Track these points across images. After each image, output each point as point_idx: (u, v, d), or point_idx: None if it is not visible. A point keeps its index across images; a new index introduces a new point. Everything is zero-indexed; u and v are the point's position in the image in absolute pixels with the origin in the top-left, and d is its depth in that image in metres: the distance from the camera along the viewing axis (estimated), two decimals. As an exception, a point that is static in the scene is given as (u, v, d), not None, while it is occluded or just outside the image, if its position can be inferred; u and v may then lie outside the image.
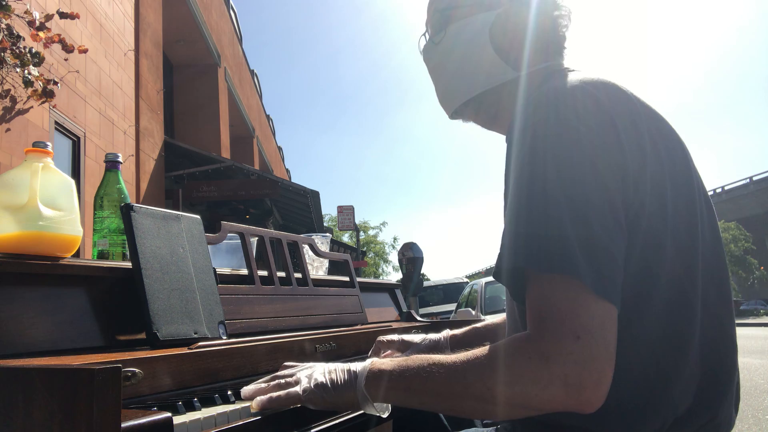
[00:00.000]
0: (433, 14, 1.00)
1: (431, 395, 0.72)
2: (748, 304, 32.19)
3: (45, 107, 4.91)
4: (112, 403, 0.52)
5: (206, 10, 10.82)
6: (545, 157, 0.72)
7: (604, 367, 0.64)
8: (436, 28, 1.00)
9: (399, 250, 8.31)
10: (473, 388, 0.69)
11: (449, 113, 1.03)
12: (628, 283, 0.71)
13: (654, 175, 0.75)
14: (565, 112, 0.74)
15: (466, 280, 16.86)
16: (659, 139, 0.79)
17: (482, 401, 0.69)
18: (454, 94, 0.99)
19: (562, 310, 0.65)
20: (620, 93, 0.80)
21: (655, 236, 0.74)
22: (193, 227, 1.11)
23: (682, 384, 0.75)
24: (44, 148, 0.96)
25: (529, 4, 0.92)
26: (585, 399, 0.64)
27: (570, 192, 0.69)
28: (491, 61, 0.93)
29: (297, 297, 1.35)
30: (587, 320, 0.64)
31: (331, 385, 0.79)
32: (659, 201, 0.75)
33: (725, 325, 0.80)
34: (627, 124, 0.76)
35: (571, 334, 0.64)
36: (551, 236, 0.68)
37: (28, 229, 0.89)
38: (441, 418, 1.22)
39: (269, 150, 18.86)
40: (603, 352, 0.64)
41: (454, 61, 0.97)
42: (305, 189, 10.96)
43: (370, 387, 0.77)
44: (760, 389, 5.34)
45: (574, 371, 0.63)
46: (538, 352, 0.65)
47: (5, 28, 4.08)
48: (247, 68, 15.86)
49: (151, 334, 0.91)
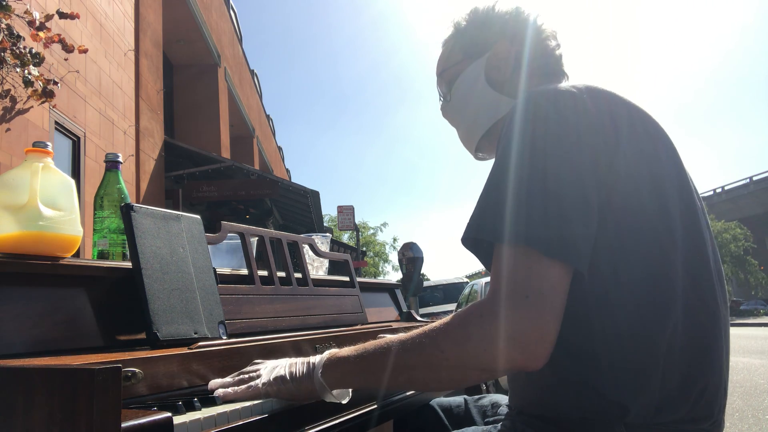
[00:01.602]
0: (438, 79, 1.14)
1: (387, 371, 0.77)
2: (748, 304, 32.15)
3: (45, 107, 4.91)
4: (112, 403, 0.52)
5: (206, 10, 10.82)
6: (525, 141, 0.77)
7: (549, 325, 0.69)
8: (444, 90, 1.12)
9: (399, 250, 8.31)
10: (427, 355, 0.74)
11: (473, 153, 1.13)
12: (605, 263, 0.76)
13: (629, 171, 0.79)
14: (563, 106, 0.79)
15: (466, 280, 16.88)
16: (646, 137, 0.83)
17: (436, 368, 0.74)
18: (472, 135, 1.10)
19: (516, 274, 0.71)
20: (613, 95, 0.85)
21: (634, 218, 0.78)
22: (193, 227, 1.11)
23: (667, 359, 0.77)
24: (44, 148, 0.96)
25: (512, 39, 1.02)
26: (529, 353, 0.69)
27: (538, 169, 0.74)
28: (493, 97, 1.03)
29: (297, 297, 1.35)
30: (537, 282, 0.70)
31: (290, 377, 0.83)
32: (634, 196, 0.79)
33: (709, 308, 0.82)
34: (624, 122, 0.80)
35: (520, 293, 0.70)
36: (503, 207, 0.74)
37: (28, 229, 0.89)
38: (441, 417, 1.22)
39: (269, 150, 18.86)
40: (549, 310, 0.69)
41: (466, 109, 1.09)
42: (305, 189, 10.96)
43: (328, 375, 0.82)
44: (760, 389, 5.34)
45: (519, 327, 0.69)
46: (489, 310, 0.71)
47: (5, 28, 4.08)
48: (247, 68, 15.86)
49: (151, 334, 0.91)
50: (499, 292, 0.72)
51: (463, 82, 1.07)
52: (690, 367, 0.79)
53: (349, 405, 0.96)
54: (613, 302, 0.77)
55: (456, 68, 1.08)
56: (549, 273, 0.71)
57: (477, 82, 1.05)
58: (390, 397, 1.10)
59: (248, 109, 14.88)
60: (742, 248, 30.49)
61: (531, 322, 0.69)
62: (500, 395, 1.24)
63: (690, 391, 0.78)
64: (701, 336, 0.81)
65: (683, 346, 0.78)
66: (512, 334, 0.69)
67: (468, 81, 1.06)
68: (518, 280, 0.71)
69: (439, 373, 0.75)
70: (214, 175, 9.64)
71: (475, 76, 1.05)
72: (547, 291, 0.70)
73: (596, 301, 0.77)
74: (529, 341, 0.69)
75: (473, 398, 1.25)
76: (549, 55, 1.02)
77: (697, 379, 0.79)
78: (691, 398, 0.78)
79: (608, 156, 0.77)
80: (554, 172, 0.74)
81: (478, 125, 1.07)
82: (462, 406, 1.23)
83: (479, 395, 1.27)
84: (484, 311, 0.72)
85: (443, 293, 15.47)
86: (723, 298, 0.85)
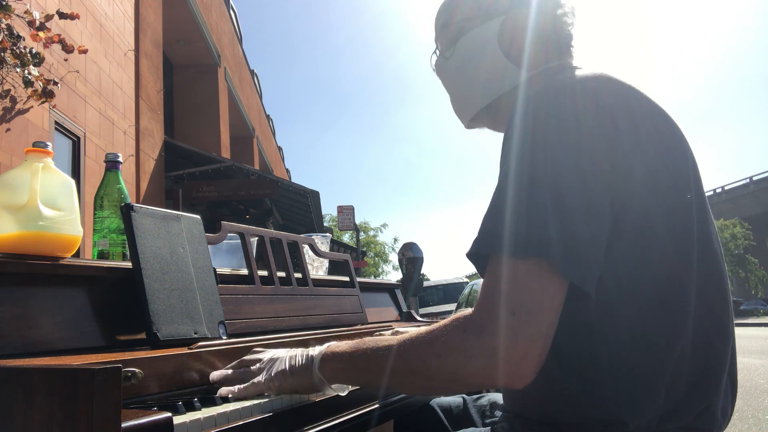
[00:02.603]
0: (441, 31, 1.02)
1: (378, 373, 0.76)
2: (748, 304, 32.12)
3: (45, 107, 4.91)
4: (112, 403, 0.52)
5: (206, 10, 10.82)
6: (531, 156, 0.73)
7: (534, 345, 0.65)
8: (445, 44, 1.01)
9: (399, 250, 8.31)
10: (412, 363, 0.73)
11: (465, 122, 1.04)
12: (611, 272, 0.72)
13: (648, 174, 0.75)
14: (564, 111, 0.75)
15: (466, 280, 16.88)
16: (657, 137, 0.80)
17: (420, 376, 0.72)
18: (471, 103, 1.00)
19: (504, 288, 0.68)
20: (622, 89, 0.80)
21: (644, 226, 0.74)
22: (193, 227, 1.11)
23: (674, 371, 0.75)
24: (44, 148, 0.96)
25: (531, 6, 0.93)
26: (511, 373, 0.66)
27: (542, 183, 0.71)
28: (503, 66, 0.94)
29: (297, 297, 1.35)
30: (526, 298, 0.66)
31: (290, 371, 0.83)
32: (653, 197, 0.76)
33: (720, 317, 0.80)
34: (626, 123, 0.76)
35: (507, 309, 0.66)
36: (503, 222, 0.71)
37: (28, 229, 0.89)
38: (441, 418, 1.22)
39: (269, 150, 18.86)
40: (535, 329, 0.65)
41: (468, 72, 0.99)
42: (305, 189, 10.95)
43: (325, 370, 0.81)
44: (760, 389, 5.34)
45: (502, 345, 0.65)
46: (474, 325, 0.68)
47: (5, 28, 4.08)
48: (247, 68, 15.86)
49: (151, 334, 0.91)
50: (484, 307, 0.69)
51: (471, 42, 0.96)
52: (697, 379, 0.76)
53: (349, 405, 0.96)
54: (621, 310, 0.73)
55: (466, 24, 0.97)
56: (537, 288, 0.67)
57: (487, 46, 0.95)
58: (390, 397, 1.09)
59: (248, 109, 14.88)
60: (742, 247, 30.46)
61: (514, 341, 0.65)
62: (499, 395, 1.23)
63: (695, 405, 0.76)
64: (710, 346, 0.78)
65: (692, 355, 0.76)
66: (494, 351, 0.66)
67: (477, 41, 0.96)
68: (504, 295, 0.67)
69: (424, 381, 0.73)
70: (214, 175, 9.64)
71: (486, 37, 0.95)
72: (534, 308, 0.66)
73: (602, 309, 0.73)
74: (512, 360, 0.65)
75: (472, 398, 1.25)
76: (563, 31, 0.95)
77: (704, 391, 0.77)
78: (695, 411, 0.76)
79: (617, 159, 0.73)
80: (551, 184, 0.70)
81: (481, 94, 0.98)
82: (461, 406, 1.23)
83: (478, 395, 1.27)
84: (468, 326, 0.69)
85: (443, 293, 15.48)
86: (731, 306, 0.83)
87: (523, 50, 0.93)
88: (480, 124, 1.04)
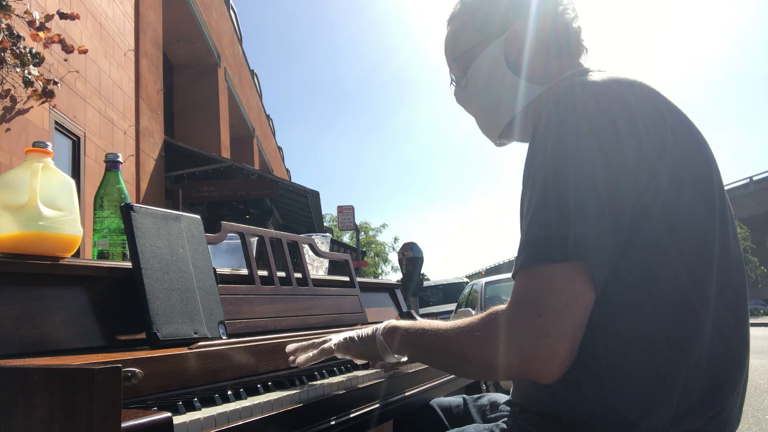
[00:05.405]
0: (451, 64, 1.05)
1: (426, 350, 0.89)
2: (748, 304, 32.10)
3: (45, 107, 4.91)
4: (112, 403, 0.52)
5: (206, 10, 10.82)
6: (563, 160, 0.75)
7: (559, 345, 0.70)
8: (459, 74, 1.04)
9: (399, 250, 8.32)
10: (453, 347, 0.82)
11: (494, 142, 1.08)
12: (630, 273, 0.75)
13: (672, 176, 0.77)
14: (591, 119, 0.76)
15: (466, 280, 16.86)
16: (684, 140, 0.81)
17: (460, 358, 0.82)
18: (494, 125, 1.04)
19: (534, 292, 0.73)
20: (648, 92, 0.81)
21: (667, 226, 0.76)
22: (193, 227, 1.11)
23: (690, 374, 0.75)
24: (44, 148, 0.96)
25: (530, 15, 0.94)
26: (537, 370, 0.71)
27: (565, 190, 0.73)
28: (514, 83, 0.96)
29: (297, 297, 1.35)
30: (553, 301, 0.71)
31: (357, 338, 0.99)
32: (675, 200, 0.77)
33: (739, 320, 0.81)
34: (651, 127, 0.77)
35: (534, 311, 0.71)
36: (539, 232, 0.75)
37: (28, 229, 0.89)
38: (441, 417, 1.22)
39: (269, 150, 18.86)
40: (561, 330, 0.70)
41: (485, 96, 1.02)
42: (305, 189, 10.96)
43: (386, 338, 0.95)
44: (760, 389, 5.34)
45: (529, 344, 0.71)
46: (506, 323, 0.75)
47: (5, 28, 4.07)
48: (247, 68, 15.86)
49: (151, 334, 0.91)
50: (516, 305, 0.74)
51: (481, 67, 0.98)
52: (713, 383, 0.77)
53: (349, 405, 0.96)
54: (638, 311, 0.75)
55: (472, 51, 0.99)
56: (565, 291, 0.71)
57: (497, 67, 0.96)
58: (389, 396, 1.10)
59: (248, 109, 14.88)
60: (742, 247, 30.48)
61: (541, 341, 0.70)
62: (499, 394, 1.23)
63: (710, 408, 0.77)
64: (728, 350, 0.79)
65: (709, 358, 0.76)
66: (524, 350, 0.71)
67: (486, 65, 0.98)
68: (534, 297, 0.72)
69: (462, 363, 0.83)
70: (214, 175, 9.64)
71: (493, 59, 0.96)
72: (560, 309, 0.70)
73: (620, 308, 0.75)
74: (540, 359, 0.70)
75: (472, 398, 1.25)
76: (569, 30, 0.94)
77: (720, 395, 0.77)
78: (709, 414, 0.77)
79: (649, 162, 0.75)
80: (576, 188, 0.72)
81: (500, 114, 1.00)
82: (461, 406, 1.22)
83: (478, 395, 1.27)
84: (501, 324, 0.75)
85: (443, 293, 15.47)
86: (748, 311, 0.84)
87: (531, 61, 0.94)
88: (508, 140, 1.06)
